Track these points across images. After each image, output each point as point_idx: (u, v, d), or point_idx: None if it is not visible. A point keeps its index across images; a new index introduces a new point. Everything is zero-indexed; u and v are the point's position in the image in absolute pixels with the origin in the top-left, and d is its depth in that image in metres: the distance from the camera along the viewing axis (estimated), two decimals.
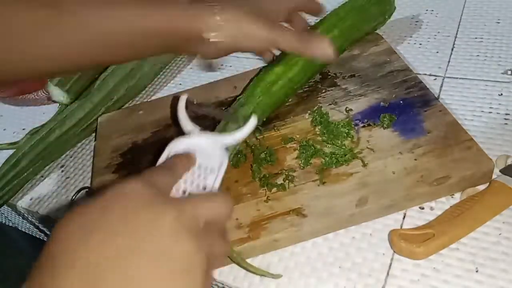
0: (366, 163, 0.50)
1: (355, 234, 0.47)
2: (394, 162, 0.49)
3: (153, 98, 0.71)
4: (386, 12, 0.67)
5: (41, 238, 0.70)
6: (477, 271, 0.42)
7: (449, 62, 0.63)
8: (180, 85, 0.72)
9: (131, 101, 0.71)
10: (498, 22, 0.67)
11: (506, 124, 0.54)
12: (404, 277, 0.43)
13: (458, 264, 0.43)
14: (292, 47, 0.50)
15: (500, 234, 0.44)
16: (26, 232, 0.70)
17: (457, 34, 0.67)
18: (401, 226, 0.47)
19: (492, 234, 0.44)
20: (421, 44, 0.67)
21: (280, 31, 0.50)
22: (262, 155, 0.52)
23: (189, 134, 0.39)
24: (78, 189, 0.59)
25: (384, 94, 0.57)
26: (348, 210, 0.46)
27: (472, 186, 0.48)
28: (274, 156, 0.52)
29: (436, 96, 0.58)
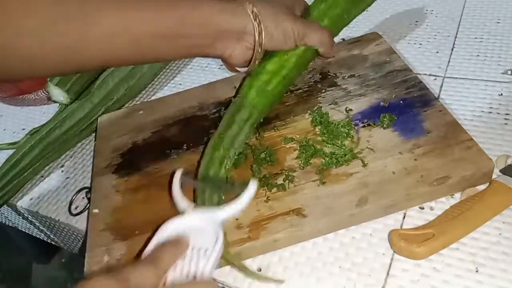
0: (366, 163, 0.50)
1: (355, 234, 0.47)
2: (394, 162, 0.49)
3: (153, 98, 0.71)
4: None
5: (41, 238, 0.70)
6: (477, 271, 0.42)
7: (449, 62, 0.63)
8: (180, 85, 0.72)
9: (131, 101, 0.71)
10: (498, 22, 0.68)
11: (506, 124, 0.54)
12: (404, 277, 0.43)
13: (458, 264, 0.43)
14: (319, 44, 0.53)
15: (500, 234, 0.44)
16: (26, 232, 0.70)
17: (457, 34, 0.67)
18: (401, 226, 0.47)
19: (492, 234, 0.44)
20: (421, 44, 0.67)
21: (308, 26, 0.52)
22: (262, 155, 0.52)
23: (183, 212, 0.38)
24: (78, 189, 0.59)
25: (384, 94, 0.57)
26: (348, 210, 0.46)
27: (472, 186, 0.48)
28: (274, 156, 0.52)
29: (436, 96, 0.58)
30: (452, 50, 0.65)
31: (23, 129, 0.72)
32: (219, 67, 0.72)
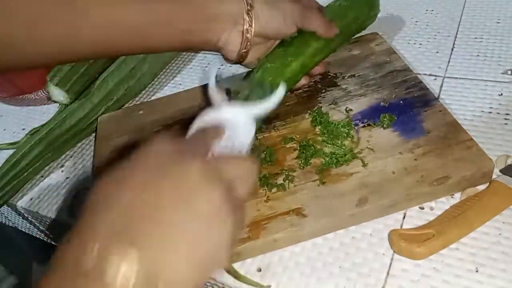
0: (366, 163, 0.50)
1: (355, 234, 0.47)
2: (394, 162, 0.49)
3: (153, 98, 0.71)
4: (375, 9, 0.64)
5: (41, 238, 0.70)
6: (477, 271, 0.42)
7: (449, 62, 0.63)
8: (180, 85, 0.72)
9: (131, 101, 0.71)
10: (498, 22, 0.68)
11: (506, 124, 0.54)
12: (404, 277, 0.43)
13: (458, 264, 0.43)
14: (319, 28, 0.54)
15: (500, 234, 0.44)
16: (26, 232, 0.70)
17: (457, 34, 0.67)
18: (401, 226, 0.47)
19: (492, 234, 0.44)
20: (421, 44, 0.67)
21: (308, 8, 0.53)
22: (262, 155, 0.52)
23: (217, 105, 0.39)
24: (78, 189, 0.59)
25: (384, 94, 0.57)
26: (348, 210, 0.46)
27: (472, 186, 0.48)
28: (274, 156, 0.52)
29: (436, 96, 0.58)
30: (452, 50, 0.65)
31: (23, 129, 0.72)
32: (219, 67, 0.72)
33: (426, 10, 0.73)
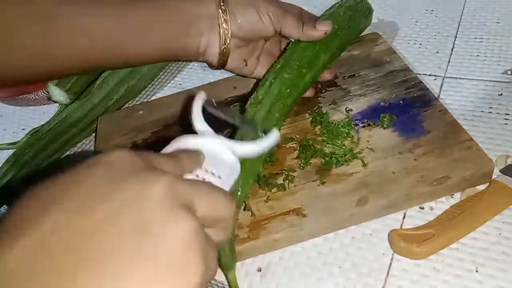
0: (366, 163, 0.50)
1: (355, 234, 0.47)
2: (394, 162, 0.49)
3: (153, 98, 0.71)
4: (368, 21, 0.66)
5: None
6: (477, 271, 0.42)
7: (449, 62, 0.63)
8: (180, 85, 0.72)
9: (131, 101, 0.71)
10: (498, 22, 0.68)
11: (506, 124, 0.54)
12: (404, 277, 0.43)
13: (458, 264, 0.43)
14: (296, 28, 0.53)
15: (500, 234, 0.44)
16: None
17: (457, 34, 0.67)
18: (401, 226, 0.47)
19: (492, 234, 0.44)
20: (421, 44, 0.67)
21: (285, 9, 0.52)
22: (262, 157, 0.52)
23: (201, 134, 0.35)
24: None
25: (384, 94, 0.57)
26: (348, 210, 0.46)
27: (472, 186, 0.48)
28: (274, 156, 0.52)
29: (436, 96, 0.58)
30: (452, 50, 0.65)
31: (23, 129, 0.72)
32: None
33: (426, 10, 0.73)
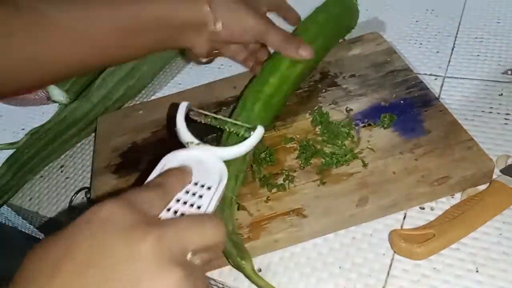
0: (367, 163, 0.49)
1: (355, 234, 0.47)
2: (395, 162, 0.49)
3: (152, 98, 0.71)
4: (353, 21, 0.66)
5: (41, 238, 0.69)
6: (477, 271, 0.42)
7: (449, 62, 0.63)
8: (179, 85, 0.72)
9: (131, 101, 0.71)
10: (498, 22, 0.67)
11: (506, 124, 0.53)
12: (404, 277, 0.43)
13: (458, 264, 0.43)
14: (278, 44, 0.53)
15: (500, 234, 0.44)
16: (26, 232, 0.70)
17: (457, 34, 0.67)
18: (401, 226, 0.47)
19: (492, 234, 0.44)
20: (421, 44, 0.67)
21: (270, 24, 0.52)
22: (262, 155, 0.52)
23: (186, 145, 0.36)
24: (78, 189, 0.59)
25: (384, 94, 0.57)
26: (348, 210, 0.46)
27: (472, 186, 0.48)
28: (274, 156, 0.52)
29: (436, 96, 0.58)
30: (452, 50, 0.65)
31: (23, 129, 0.72)
32: (219, 67, 0.72)
33: (426, 10, 0.73)
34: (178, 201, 0.32)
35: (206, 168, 0.34)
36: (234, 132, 0.45)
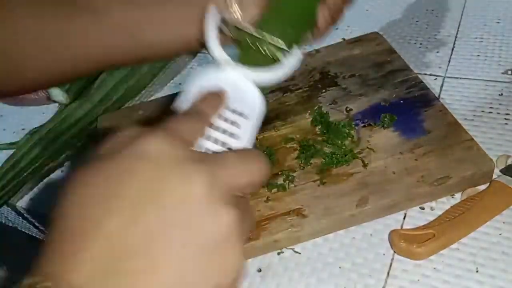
0: (367, 163, 0.49)
1: (356, 234, 0.47)
2: (395, 162, 0.49)
3: (153, 98, 0.71)
4: None
5: (41, 238, 0.69)
6: (477, 271, 0.42)
7: (449, 62, 0.63)
8: (180, 85, 0.72)
9: (131, 101, 0.71)
10: (498, 22, 0.67)
11: (506, 124, 0.53)
12: (404, 277, 0.43)
13: (458, 264, 0.43)
14: None
15: (500, 234, 0.44)
16: (26, 232, 0.70)
17: (457, 34, 0.67)
18: (401, 226, 0.47)
19: (492, 234, 0.44)
20: (421, 44, 0.67)
21: None
22: None
23: (219, 64, 0.32)
24: None
25: (384, 94, 0.57)
26: (348, 210, 0.46)
27: (472, 186, 0.48)
28: (274, 156, 0.52)
29: (436, 96, 0.58)
30: (452, 50, 0.65)
31: (23, 129, 0.71)
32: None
33: (426, 10, 0.73)
34: (217, 129, 0.29)
35: (241, 94, 0.31)
36: (264, 50, 0.36)
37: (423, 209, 0.48)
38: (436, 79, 0.61)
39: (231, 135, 0.29)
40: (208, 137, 0.28)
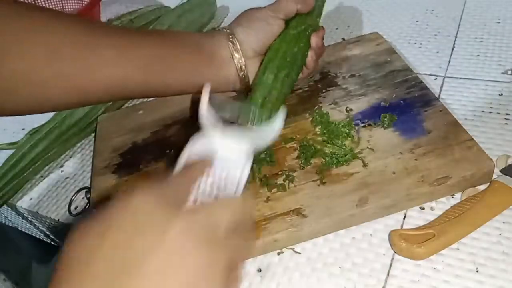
0: (367, 163, 0.49)
1: (356, 234, 0.47)
2: (395, 162, 0.49)
3: (152, 98, 0.71)
4: None
5: (41, 238, 0.69)
6: (477, 271, 0.42)
7: (449, 62, 0.63)
8: None
9: (131, 101, 0.71)
10: (498, 22, 0.67)
11: (506, 124, 0.53)
12: (404, 277, 0.43)
13: (458, 264, 0.43)
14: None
15: (500, 234, 0.44)
16: (26, 232, 0.70)
17: (457, 34, 0.67)
18: (401, 226, 0.47)
19: (492, 234, 0.44)
20: (421, 44, 0.67)
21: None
22: (262, 155, 0.52)
23: (209, 133, 0.35)
24: (78, 189, 0.59)
25: (384, 94, 0.57)
26: (348, 210, 0.46)
27: (472, 186, 0.48)
28: (274, 156, 0.52)
29: (436, 96, 0.58)
30: (452, 50, 0.65)
31: (23, 129, 0.72)
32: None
33: (426, 10, 0.73)
34: (204, 193, 0.33)
35: (229, 159, 0.34)
36: (253, 117, 0.45)
37: (423, 209, 0.48)
38: (436, 79, 0.61)
39: (219, 188, 0.33)
40: (202, 191, 0.33)
